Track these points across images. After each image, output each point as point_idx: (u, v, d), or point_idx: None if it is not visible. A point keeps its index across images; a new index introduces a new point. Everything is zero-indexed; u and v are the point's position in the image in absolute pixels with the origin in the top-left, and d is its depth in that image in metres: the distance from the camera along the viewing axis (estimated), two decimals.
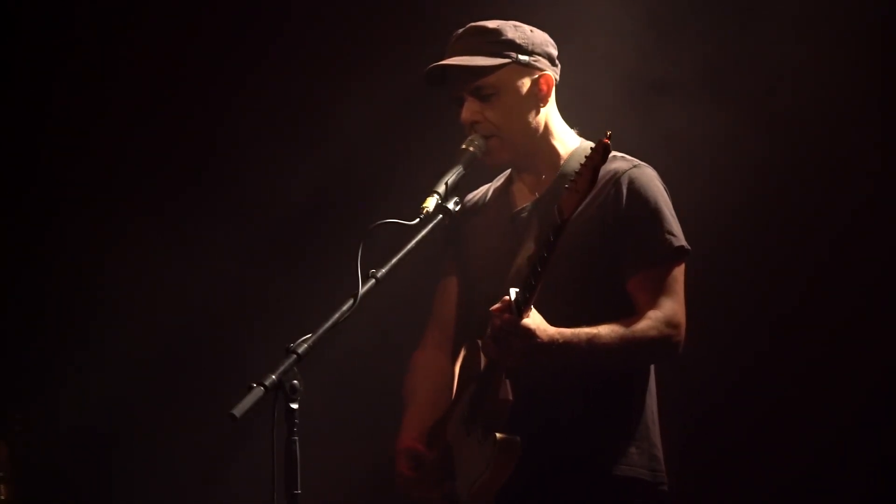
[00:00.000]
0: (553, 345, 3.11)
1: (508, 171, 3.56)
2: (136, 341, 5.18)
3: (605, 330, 3.18)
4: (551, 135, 3.42)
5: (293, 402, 2.79)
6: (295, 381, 2.80)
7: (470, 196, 3.64)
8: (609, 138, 3.01)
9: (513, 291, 3.08)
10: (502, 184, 3.58)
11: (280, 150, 5.23)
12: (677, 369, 3.53)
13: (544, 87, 3.39)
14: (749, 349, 4.74)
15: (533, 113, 3.39)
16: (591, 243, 3.30)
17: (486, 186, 3.64)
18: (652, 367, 3.40)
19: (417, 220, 3.16)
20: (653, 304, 3.23)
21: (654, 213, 3.30)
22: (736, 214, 4.72)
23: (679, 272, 3.30)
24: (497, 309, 3.10)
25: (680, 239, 3.31)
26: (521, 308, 3.07)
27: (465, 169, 3.30)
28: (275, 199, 5.20)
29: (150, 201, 5.27)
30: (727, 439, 4.71)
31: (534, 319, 3.09)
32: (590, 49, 4.66)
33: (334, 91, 5.18)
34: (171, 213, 5.28)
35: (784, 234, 4.74)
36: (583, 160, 3.03)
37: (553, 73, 3.43)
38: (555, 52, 3.46)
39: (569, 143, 3.42)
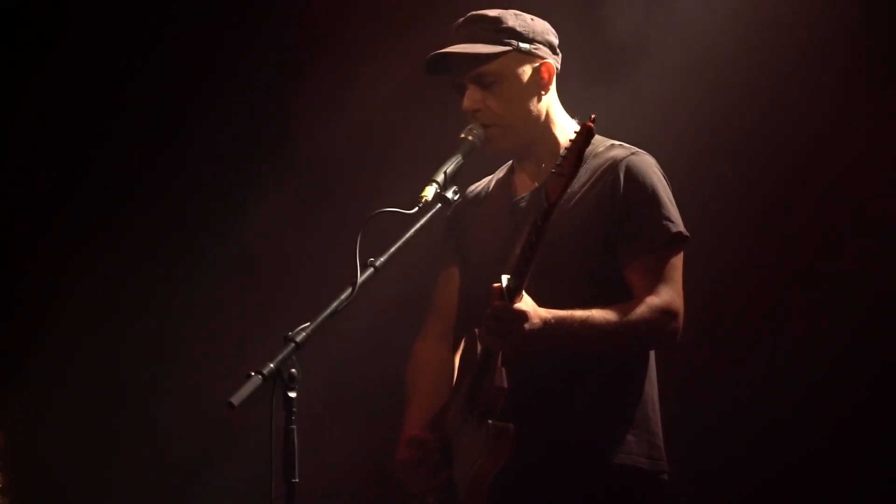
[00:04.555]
0: (546, 327, 3.11)
1: (510, 161, 3.56)
2: (135, 330, 5.18)
3: (598, 313, 3.18)
4: (552, 123, 3.42)
5: (291, 390, 2.78)
6: (293, 370, 2.79)
7: (472, 187, 3.64)
8: (593, 121, 3.01)
9: (504, 278, 3.09)
10: (504, 174, 3.59)
11: (278, 140, 5.22)
12: (681, 359, 3.53)
13: (545, 76, 3.39)
14: (753, 342, 4.75)
15: (534, 101, 3.39)
16: (589, 230, 3.30)
17: (489, 177, 3.64)
18: (652, 355, 3.40)
19: (416, 208, 3.16)
20: (650, 290, 3.23)
21: (652, 200, 3.30)
22: (738, 203, 4.72)
23: (677, 259, 3.29)
24: (490, 297, 3.10)
25: (678, 225, 3.30)
26: (512, 294, 3.07)
27: (464, 158, 3.30)
28: (273, 189, 5.20)
29: (145, 193, 5.27)
30: (732, 430, 4.71)
31: (525, 303, 3.09)
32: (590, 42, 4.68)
33: (334, 80, 5.18)
34: (168, 204, 5.27)
35: (786, 222, 4.74)
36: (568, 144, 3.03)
37: (554, 61, 3.43)
38: (556, 41, 3.46)
39: (569, 131, 3.40)
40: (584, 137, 3.01)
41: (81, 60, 5.24)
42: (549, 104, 3.42)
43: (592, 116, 3.03)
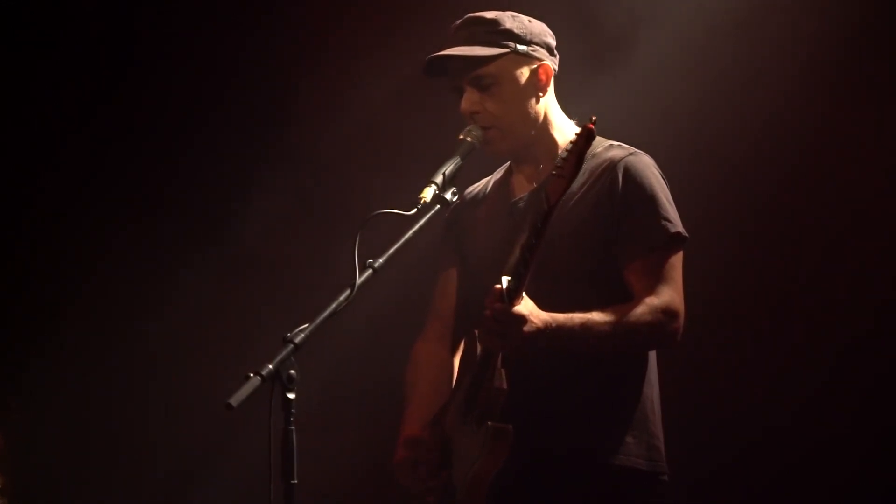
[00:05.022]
0: (546, 329, 3.12)
1: (508, 163, 3.56)
2: (134, 331, 5.18)
3: (598, 315, 3.18)
4: (550, 125, 3.43)
5: (290, 391, 2.79)
6: (292, 371, 2.80)
7: (470, 188, 3.64)
8: (594, 123, 3.01)
9: (504, 279, 3.09)
10: (502, 175, 3.59)
11: (276, 139, 5.22)
12: (682, 361, 3.51)
13: (543, 77, 3.40)
14: (755, 343, 4.75)
15: (532, 102, 3.40)
16: (588, 231, 3.30)
17: (487, 179, 3.64)
18: (652, 356, 3.39)
19: (415, 210, 3.16)
20: (650, 290, 3.23)
21: (650, 200, 3.30)
22: (739, 203, 4.72)
23: (676, 259, 3.29)
24: (489, 298, 3.11)
25: (677, 225, 3.31)
26: (511, 296, 3.08)
27: (462, 159, 3.30)
28: (272, 190, 5.20)
29: (145, 194, 5.27)
30: (733, 432, 4.71)
31: (525, 306, 3.10)
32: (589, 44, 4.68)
33: (333, 81, 5.18)
34: (167, 205, 5.27)
35: (788, 222, 4.74)
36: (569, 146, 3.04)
37: (552, 63, 3.43)
38: (553, 43, 3.46)
39: (567, 133, 3.42)
40: (584, 139, 3.01)
41: (80, 62, 5.24)
42: (547, 106, 3.43)
43: (593, 118, 3.03)
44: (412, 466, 3.38)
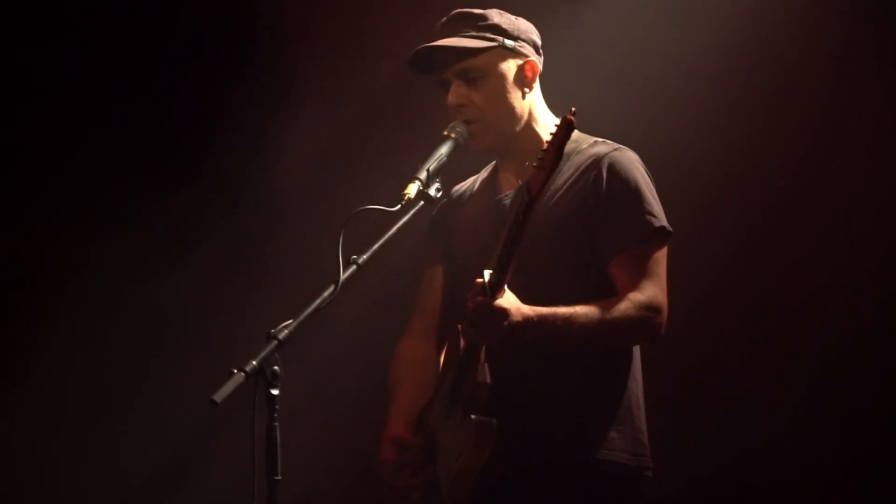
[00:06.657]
0: (528, 324, 3.12)
1: (495, 161, 3.57)
2: (118, 327, 5.17)
3: (582, 310, 3.18)
4: (535, 121, 3.44)
5: (274, 387, 2.78)
6: (276, 367, 2.79)
7: (457, 187, 3.66)
8: (573, 115, 3.02)
9: (486, 273, 3.09)
10: (489, 174, 3.60)
11: (262, 137, 5.21)
12: (674, 360, 3.51)
13: (529, 73, 3.41)
14: (743, 337, 4.75)
15: (518, 98, 3.41)
16: (572, 226, 3.31)
17: (474, 177, 3.65)
18: (636, 352, 3.40)
19: (399, 206, 3.17)
20: (633, 285, 3.24)
21: (635, 195, 3.31)
22: (723, 198, 4.72)
23: (661, 254, 3.30)
24: (471, 292, 3.11)
25: (661, 220, 3.31)
26: (494, 289, 3.08)
27: (446, 155, 3.30)
28: (257, 186, 5.19)
29: (131, 187, 5.25)
30: (724, 430, 4.71)
31: (507, 299, 3.10)
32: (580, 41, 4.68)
33: (319, 77, 5.18)
34: (153, 199, 5.25)
35: (780, 220, 4.74)
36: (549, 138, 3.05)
37: (538, 60, 3.44)
38: (539, 42, 3.48)
39: (552, 129, 3.42)
40: (564, 131, 3.02)
41: (74, 59, 5.22)
42: (533, 102, 3.44)
43: (573, 110, 3.04)
44: (399, 467, 3.38)
